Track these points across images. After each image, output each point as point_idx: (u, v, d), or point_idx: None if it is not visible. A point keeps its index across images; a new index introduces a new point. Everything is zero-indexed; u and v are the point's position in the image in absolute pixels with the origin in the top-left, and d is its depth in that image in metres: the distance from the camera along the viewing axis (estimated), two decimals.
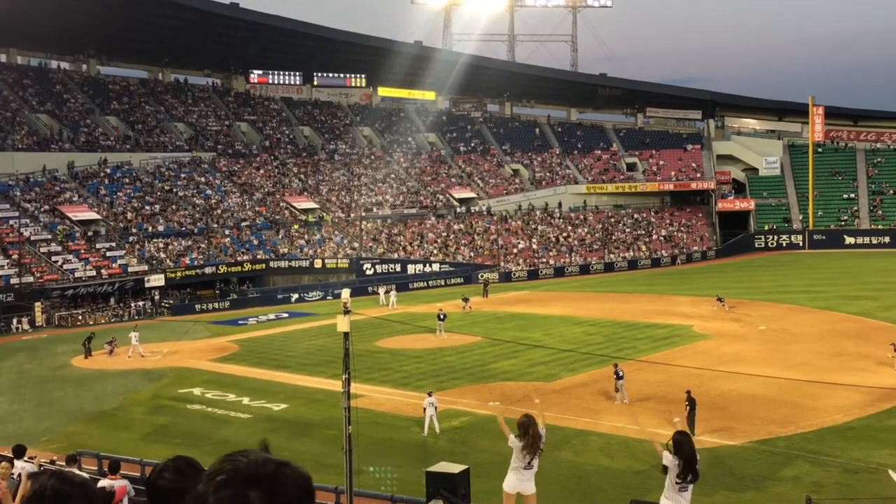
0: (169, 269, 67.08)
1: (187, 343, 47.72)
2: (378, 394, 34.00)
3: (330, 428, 28.22)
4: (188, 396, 36.08)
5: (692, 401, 27.01)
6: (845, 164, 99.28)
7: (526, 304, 59.37)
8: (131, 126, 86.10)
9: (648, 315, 52.07)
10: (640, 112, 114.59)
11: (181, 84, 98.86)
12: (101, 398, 36.76)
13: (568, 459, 24.87)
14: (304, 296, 67.81)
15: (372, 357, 40.89)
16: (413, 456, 25.92)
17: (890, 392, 31.00)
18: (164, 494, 2.85)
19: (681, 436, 10.90)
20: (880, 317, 47.74)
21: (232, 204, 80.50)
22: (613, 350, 40.53)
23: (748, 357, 38.53)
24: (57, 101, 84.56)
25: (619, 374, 31.59)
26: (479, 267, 77.19)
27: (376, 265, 75.75)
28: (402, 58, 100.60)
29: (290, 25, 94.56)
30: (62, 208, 69.53)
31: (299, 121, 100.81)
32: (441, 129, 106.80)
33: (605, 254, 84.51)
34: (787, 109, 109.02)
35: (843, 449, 25.36)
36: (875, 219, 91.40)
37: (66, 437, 30.18)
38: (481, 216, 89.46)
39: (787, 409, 29.80)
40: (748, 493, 22.35)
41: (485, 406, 31.50)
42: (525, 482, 12.05)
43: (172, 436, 30.03)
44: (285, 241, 77.80)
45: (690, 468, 10.58)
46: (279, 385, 37.44)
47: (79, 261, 63.70)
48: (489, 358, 40.80)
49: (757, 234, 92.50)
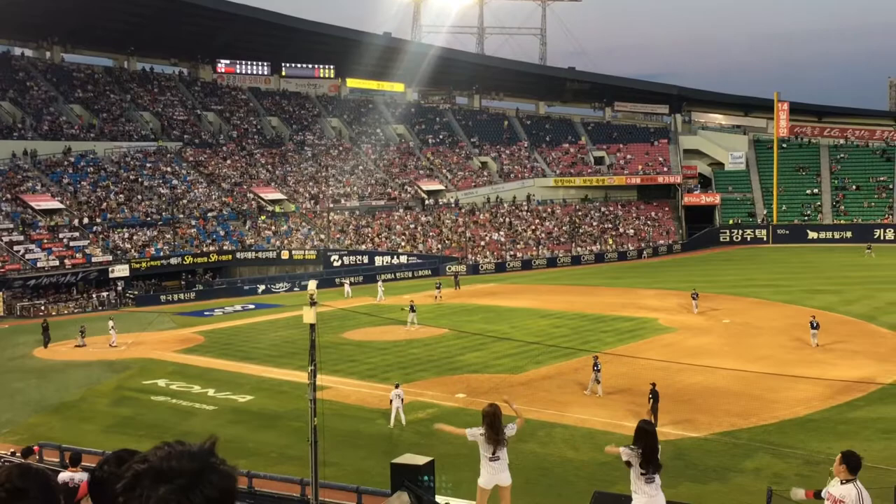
0: (134, 259, 66.46)
1: (152, 334, 47.30)
2: (344, 385, 33.95)
3: (296, 420, 28.14)
4: (152, 388, 35.78)
5: (655, 393, 27.23)
6: (809, 160, 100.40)
7: (493, 297, 59.48)
8: (96, 115, 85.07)
9: (614, 308, 52.37)
10: (608, 106, 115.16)
11: (147, 73, 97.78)
12: (64, 389, 36.37)
13: (533, 451, 24.97)
14: (270, 287, 67.48)
15: (338, 349, 40.82)
16: (379, 448, 25.93)
17: (850, 385, 31.44)
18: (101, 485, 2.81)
19: (644, 424, 10.90)
20: (842, 311, 48.36)
21: (198, 194, 79.86)
22: (579, 343, 40.73)
23: (712, 350, 38.89)
24: (20, 88, 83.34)
25: (598, 366, 31.67)
26: (446, 259, 77.26)
27: (343, 257, 75.55)
28: (372, 49, 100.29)
29: (259, 15, 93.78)
30: (24, 197, 68.59)
31: (267, 111, 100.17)
32: (410, 121, 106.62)
33: (573, 247, 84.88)
34: (753, 105, 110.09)
35: (803, 441, 25.69)
36: (838, 214, 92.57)
37: (28, 429, 29.82)
38: (449, 208, 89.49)
39: (750, 402, 30.13)
40: (711, 485, 22.58)
41: (451, 398, 31.55)
42: (499, 474, 12.03)
43: (136, 427, 29.77)
44: (252, 232, 77.36)
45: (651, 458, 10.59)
46: (245, 377, 37.25)
47: (41, 251, 62.90)
48: (456, 350, 40.84)
49: (722, 228, 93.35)
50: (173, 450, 2.12)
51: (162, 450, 2.13)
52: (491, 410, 11.91)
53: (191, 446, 2.16)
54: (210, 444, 2.19)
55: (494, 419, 11.79)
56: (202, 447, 2.17)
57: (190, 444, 2.16)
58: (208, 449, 2.17)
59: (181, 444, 2.15)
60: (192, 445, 2.16)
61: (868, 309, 48.75)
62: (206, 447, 2.17)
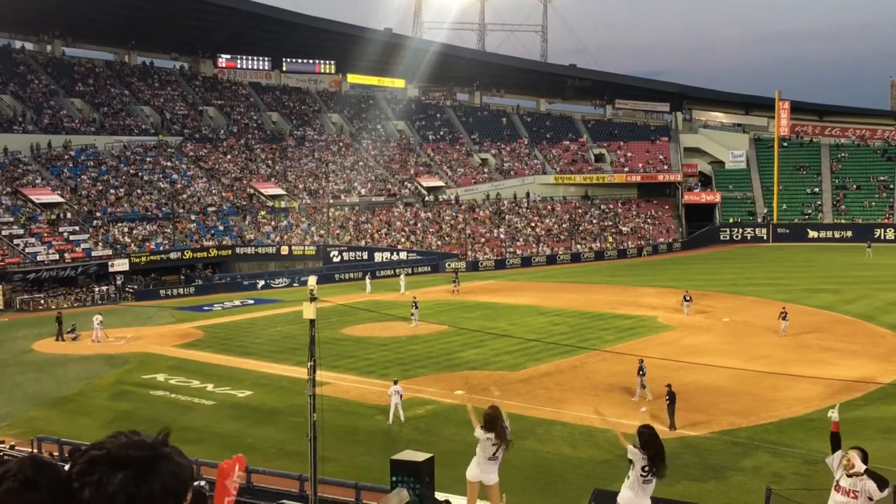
0: (133, 253, 66.43)
1: (151, 329, 47.29)
2: (343, 381, 33.94)
3: (294, 415, 28.14)
4: (152, 382, 35.78)
5: (672, 394, 26.96)
6: (810, 159, 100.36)
7: (493, 294, 59.49)
8: (96, 108, 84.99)
9: (614, 306, 52.39)
10: (608, 104, 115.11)
11: (148, 67, 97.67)
12: (63, 383, 36.36)
13: (532, 449, 24.97)
14: (270, 282, 67.46)
15: (337, 345, 40.80)
16: (378, 444, 25.93)
17: (849, 384, 31.44)
18: None
19: (647, 429, 10.87)
20: (842, 310, 48.36)
21: (198, 189, 79.79)
22: (578, 340, 40.76)
23: (712, 348, 38.88)
24: (20, 82, 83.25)
25: (643, 370, 30.11)
26: (446, 256, 77.25)
27: (343, 253, 75.54)
28: (373, 45, 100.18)
29: (260, 10, 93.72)
30: (25, 191, 68.56)
31: (267, 106, 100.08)
32: (410, 117, 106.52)
33: (572, 244, 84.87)
34: (754, 104, 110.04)
35: (802, 440, 25.68)
36: (838, 213, 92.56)
37: (27, 423, 29.83)
38: (449, 205, 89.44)
39: (749, 401, 30.13)
40: (710, 483, 22.58)
41: (450, 395, 31.56)
42: (488, 473, 12.02)
43: (135, 422, 29.74)
44: (252, 228, 77.32)
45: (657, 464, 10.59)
46: (244, 372, 37.25)
47: (41, 244, 62.88)
48: (455, 347, 40.85)
49: (722, 226, 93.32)
50: (129, 439, 2.20)
51: (118, 438, 2.21)
52: (494, 413, 11.86)
53: (146, 436, 2.24)
54: (164, 436, 2.27)
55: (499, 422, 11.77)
56: (156, 438, 2.25)
57: (145, 435, 2.25)
58: (162, 440, 2.25)
59: (136, 434, 2.23)
60: (147, 436, 2.24)
61: (867, 308, 48.75)
62: (160, 438, 2.26)
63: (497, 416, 11.86)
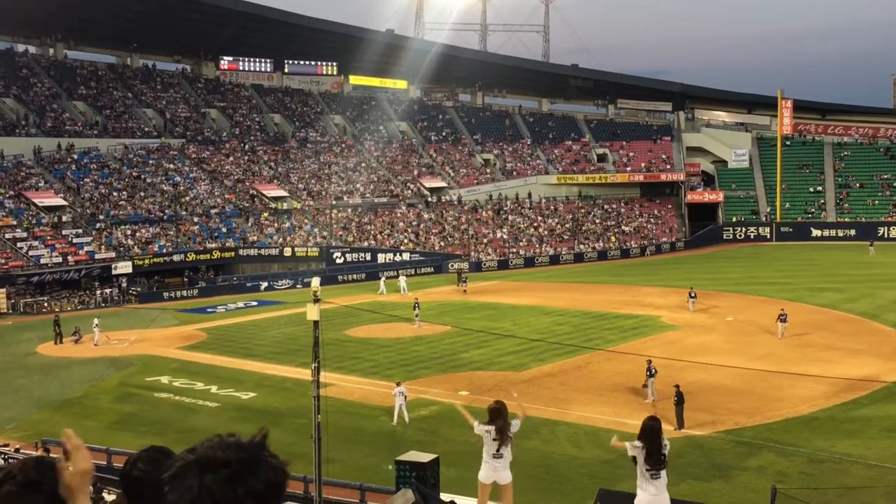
0: (136, 256, 66.47)
1: (155, 331, 47.30)
2: (347, 383, 33.94)
3: (299, 417, 28.14)
4: (156, 385, 35.82)
5: (680, 395, 26.91)
6: (813, 158, 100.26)
7: (496, 294, 59.48)
8: (99, 111, 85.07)
9: (617, 305, 52.36)
10: (611, 103, 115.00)
11: (150, 70, 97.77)
12: (68, 386, 36.41)
13: (536, 449, 24.95)
14: (273, 284, 67.49)
15: (341, 346, 40.80)
16: (382, 445, 25.92)
17: (854, 383, 31.40)
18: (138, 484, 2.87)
19: (651, 421, 10.85)
20: (845, 308, 48.30)
21: (201, 191, 79.84)
22: (582, 340, 40.73)
23: (715, 348, 38.84)
24: (23, 85, 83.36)
25: (652, 371, 29.91)
26: (449, 256, 77.25)
27: (346, 254, 75.56)
28: (374, 46, 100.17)
29: (261, 12, 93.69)
30: (28, 194, 68.63)
31: (270, 108, 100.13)
32: (413, 118, 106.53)
33: (575, 244, 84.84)
34: (757, 102, 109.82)
35: (807, 439, 25.64)
36: (841, 212, 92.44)
37: (32, 426, 29.87)
38: (452, 206, 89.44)
39: (753, 400, 30.09)
40: (714, 483, 22.55)
41: (454, 395, 31.53)
42: (500, 471, 12.03)
43: (139, 424, 29.80)
44: (255, 229, 77.36)
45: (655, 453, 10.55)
46: (248, 374, 37.27)
47: (45, 247, 62.95)
48: (459, 347, 40.84)
49: (725, 225, 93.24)
50: (223, 440, 2.11)
51: (212, 440, 2.12)
52: (497, 407, 11.90)
53: (241, 438, 2.14)
54: (261, 437, 2.17)
55: (501, 416, 11.80)
56: (252, 439, 2.15)
57: (241, 436, 2.15)
58: (259, 442, 2.15)
59: (232, 436, 2.14)
60: (243, 437, 2.14)
61: (871, 307, 48.68)
62: (257, 440, 2.16)
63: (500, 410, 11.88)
